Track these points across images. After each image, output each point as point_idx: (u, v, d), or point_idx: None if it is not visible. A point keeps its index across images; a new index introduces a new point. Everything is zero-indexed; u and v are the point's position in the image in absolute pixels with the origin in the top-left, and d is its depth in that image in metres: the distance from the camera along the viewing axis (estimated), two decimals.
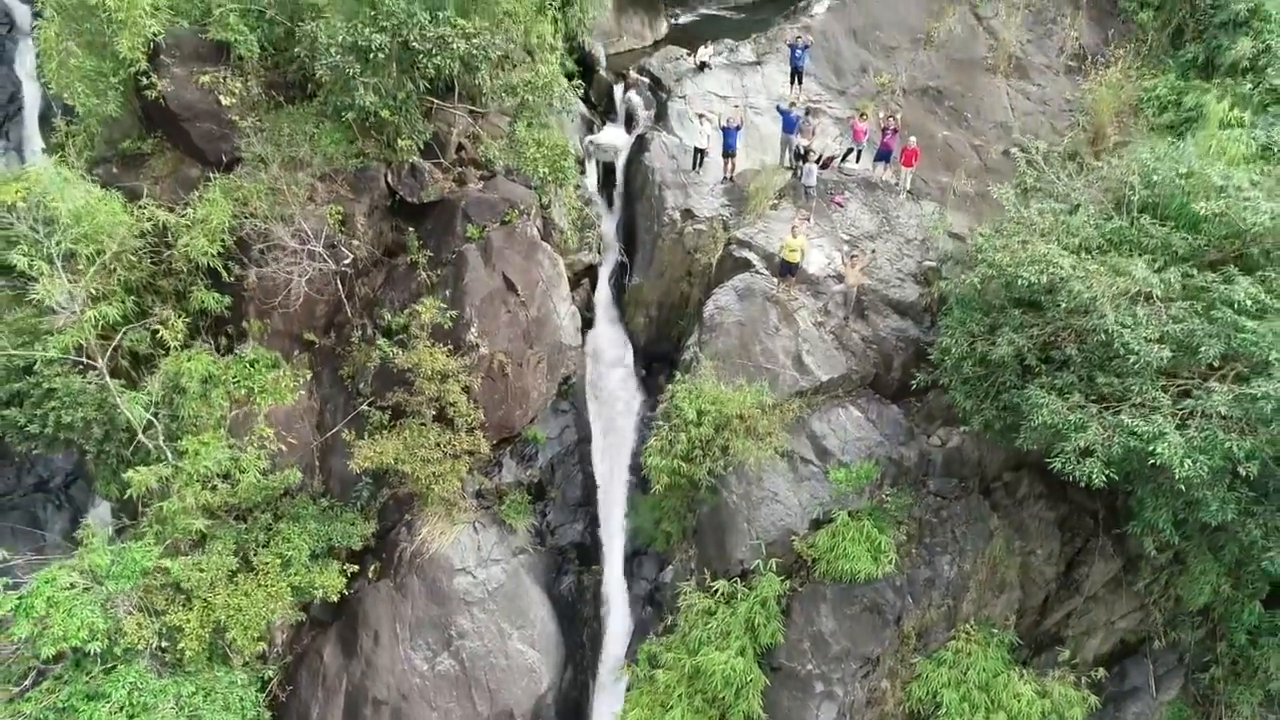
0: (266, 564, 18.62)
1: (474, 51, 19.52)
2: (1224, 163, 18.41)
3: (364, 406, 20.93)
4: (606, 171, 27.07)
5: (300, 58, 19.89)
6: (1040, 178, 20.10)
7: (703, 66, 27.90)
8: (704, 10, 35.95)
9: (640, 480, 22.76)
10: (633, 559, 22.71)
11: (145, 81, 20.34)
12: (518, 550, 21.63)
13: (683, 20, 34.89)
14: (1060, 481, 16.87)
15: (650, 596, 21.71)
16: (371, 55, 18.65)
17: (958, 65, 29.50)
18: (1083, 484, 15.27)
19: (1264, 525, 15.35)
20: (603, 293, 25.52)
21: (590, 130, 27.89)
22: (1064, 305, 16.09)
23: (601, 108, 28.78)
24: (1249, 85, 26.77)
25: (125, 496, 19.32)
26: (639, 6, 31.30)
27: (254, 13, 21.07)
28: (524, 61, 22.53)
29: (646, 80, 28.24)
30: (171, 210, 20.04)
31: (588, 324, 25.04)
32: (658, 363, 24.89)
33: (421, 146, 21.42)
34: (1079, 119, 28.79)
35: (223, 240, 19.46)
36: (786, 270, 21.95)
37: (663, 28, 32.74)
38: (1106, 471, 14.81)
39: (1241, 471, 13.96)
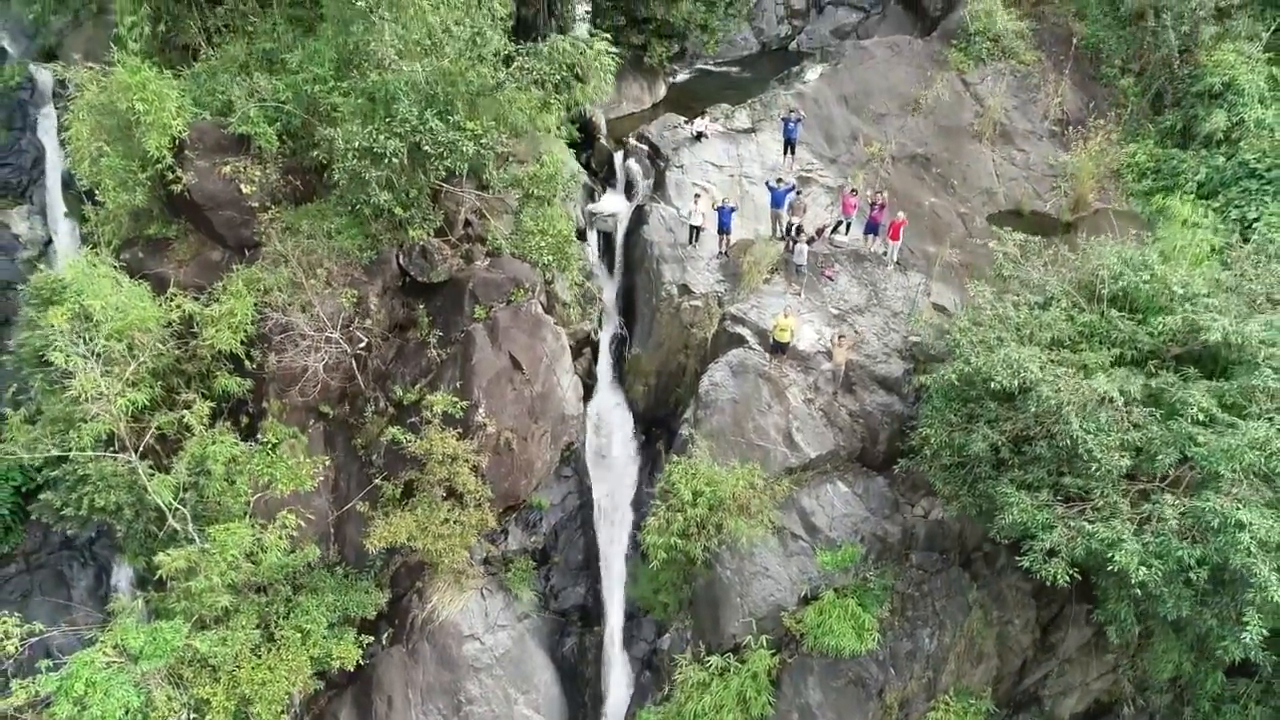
0: (287, 637, 19.80)
1: (482, 152, 20.68)
2: (1187, 262, 19.51)
3: (378, 481, 22.09)
4: (607, 240, 28.23)
5: (318, 153, 21.02)
6: (1017, 268, 21.23)
7: (699, 136, 29.02)
8: (701, 66, 37.22)
9: (639, 542, 23.95)
10: (632, 619, 23.89)
11: (171, 176, 21.55)
12: (523, 615, 22.82)
13: (680, 78, 36.15)
14: None
15: (648, 660, 22.90)
16: (386, 160, 19.81)
17: (945, 132, 30.65)
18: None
19: (1218, 615, 16.49)
20: (603, 360, 26.67)
21: (591, 197, 29.06)
22: (1033, 409, 17.26)
23: (602, 174, 29.94)
24: (1222, 158, 27.96)
25: (153, 567, 20.55)
26: (638, 72, 32.47)
27: (273, 106, 22.30)
28: (529, 155, 23.72)
29: (645, 148, 29.37)
30: (197, 299, 21.22)
31: (589, 391, 26.20)
32: (656, 428, 26.05)
33: (432, 232, 22.57)
34: (1061, 184, 29.98)
35: (245, 331, 20.62)
36: (778, 348, 23.11)
37: (661, 90, 33.94)
38: (1070, 571, 15.98)
39: (1192, 577, 15.14)
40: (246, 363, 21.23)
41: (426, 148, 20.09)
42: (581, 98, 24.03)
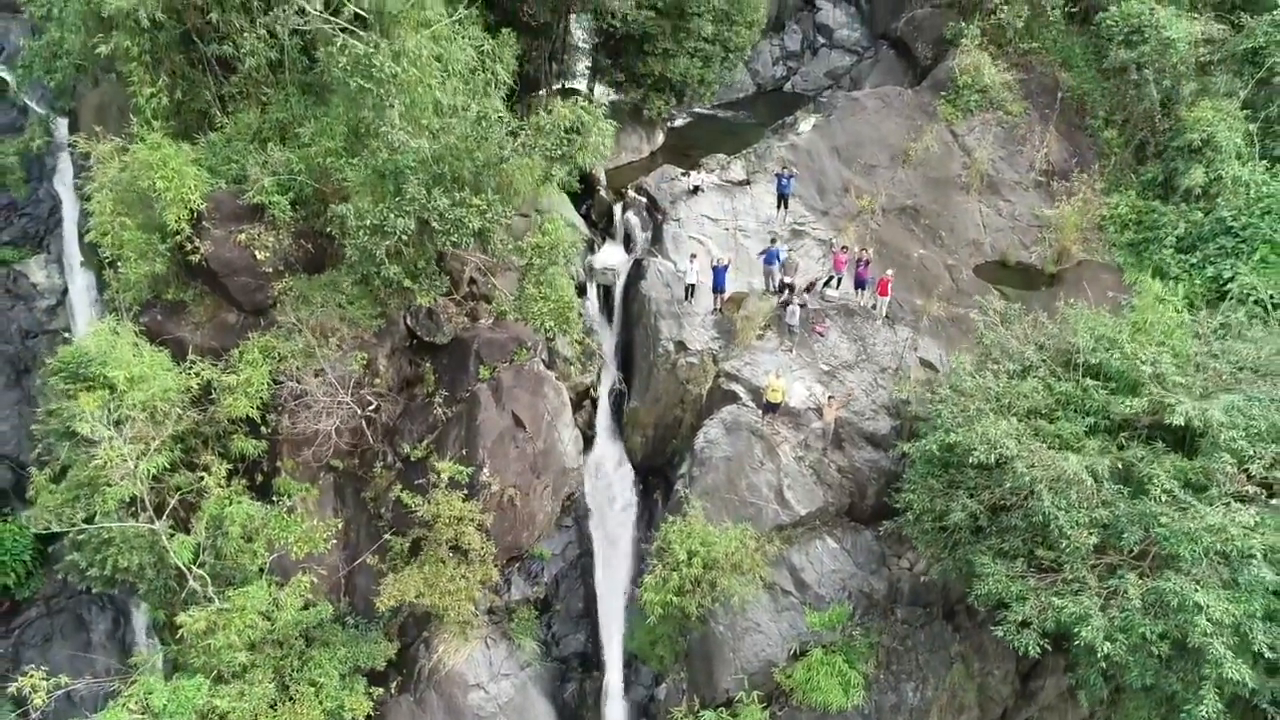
0: (301, 691, 20.81)
1: (487, 226, 21.68)
2: (1159, 334, 20.48)
3: (387, 536, 23.10)
4: (606, 292, 29.22)
5: (331, 228, 22.01)
6: (998, 335, 22.21)
7: (696, 190, 29.99)
8: (697, 109, 38.15)
9: (637, 592, 24.97)
10: (630, 666, 24.90)
11: (190, 246, 22.55)
12: (525, 664, 23.84)
13: (678, 123, 37.11)
14: None
15: (646, 708, 23.91)
16: (396, 236, 20.79)
17: (934, 183, 31.64)
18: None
19: (1182, 679, 17.48)
20: (602, 410, 27.66)
21: (591, 249, 30.05)
22: (1009, 483, 18.26)
23: (601, 225, 30.96)
24: (1200, 213, 28.95)
25: (173, 621, 21.55)
26: (637, 122, 33.44)
27: (286, 176, 23.29)
28: (530, 211, 24.70)
29: (644, 200, 30.36)
30: (215, 364, 22.22)
31: (588, 441, 27.20)
32: (654, 477, 27.09)
33: (438, 298, 23.55)
34: (1046, 236, 30.97)
35: (261, 397, 21.62)
36: (770, 408, 24.11)
37: (659, 138, 34.92)
38: (1041, 643, 16.99)
39: (1154, 650, 16.14)
40: (262, 427, 22.20)
41: (434, 224, 21.07)
42: (582, 161, 24.96)
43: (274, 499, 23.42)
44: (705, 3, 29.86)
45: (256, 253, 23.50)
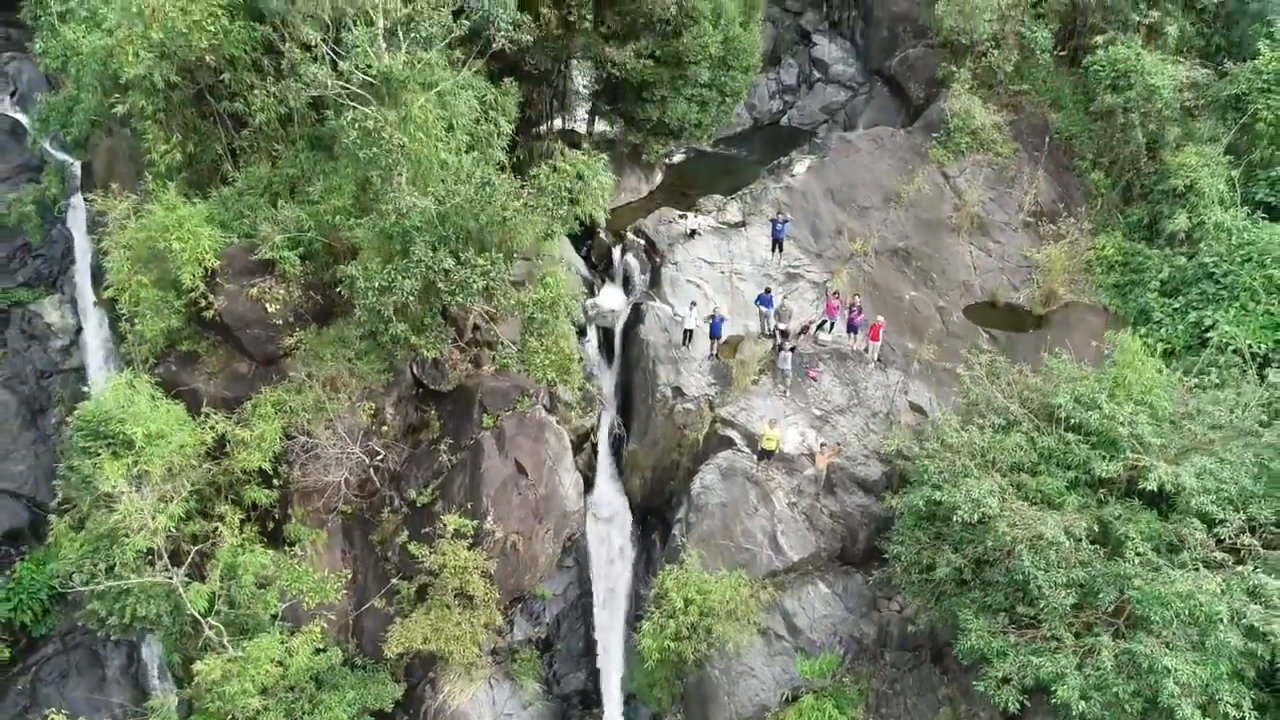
0: None
1: (491, 284, 22.51)
2: (1138, 392, 21.29)
3: (395, 581, 23.92)
4: (606, 333, 30.04)
5: (341, 288, 22.84)
6: (984, 392, 23.01)
7: (693, 234, 30.81)
8: (695, 145, 38.90)
9: (636, 631, 25.84)
10: (629, 704, 25.73)
11: (204, 302, 23.38)
12: (527, 704, 24.69)
13: (676, 158, 37.87)
14: None
15: None
16: (404, 296, 21.61)
17: (925, 225, 32.45)
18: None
19: None
20: (602, 451, 28.47)
21: (591, 291, 30.87)
22: (990, 542, 19.09)
23: (601, 267, 31.79)
24: (1183, 258, 29.75)
25: (188, 666, 22.39)
26: (635, 164, 34.25)
27: (295, 230, 24.11)
28: (532, 256, 25.56)
29: (642, 242, 31.19)
30: (229, 416, 23.06)
31: (588, 482, 28.00)
32: (652, 517, 27.91)
33: (443, 350, 24.37)
34: (1034, 277, 31.76)
35: (273, 450, 22.45)
36: (765, 454, 24.93)
37: (657, 178, 35.74)
38: (1021, 698, 17.83)
39: (1127, 709, 16.97)
40: (274, 478, 23.02)
41: (440, 285, 21.89)
42: (582, 214, 25.82)
43: (285, 544, 24.29)
44: (702, 51, 30.61)
45: (268, 305, 24.34)
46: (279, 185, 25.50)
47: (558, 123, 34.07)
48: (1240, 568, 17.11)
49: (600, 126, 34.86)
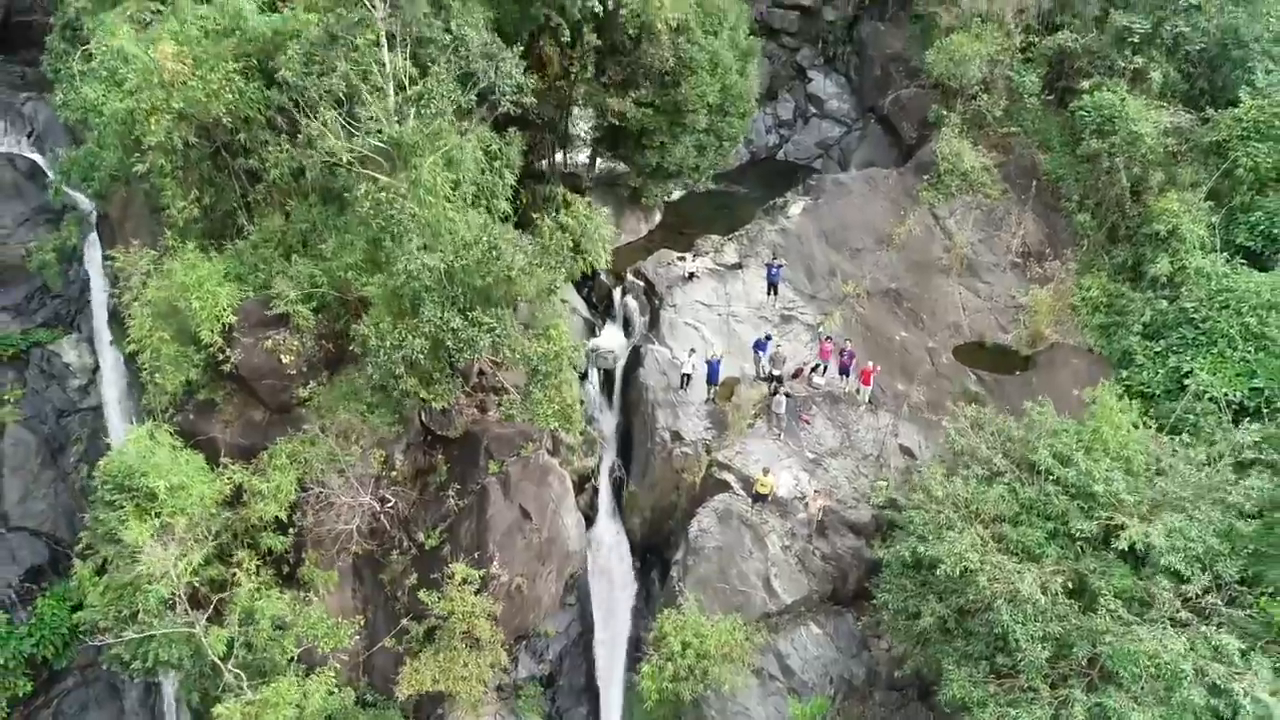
0: None
1: (497, 340, 23.52)
2: (1115, 446, 22.31)
3: (405, 622, 24.97)
4: (607, 375, 31.06)
5: (353, 346, 23.86)
6: (969, 443, 24.00)
7: (691, 276, 31.82)
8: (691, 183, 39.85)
9: (635, 662, 26.89)
10: None
11: (222, 356, 24.40)
12: None
13: (675, 195, 38.81)
14: None
15: None
16: (413, 354, 22.63)
17: (916, 266, 33.46)
18: None
19: None
20: (603, 491, 29.51)
21: (592, 332, 31.90)
22: (971, 595, 20.13)
23: (602, 308, 32.81)
24: (1165, 302, 30.71)
25: (207, 706, 23.42)
26: (635, 204, 35.28)
27: (308, 285, 25.12)
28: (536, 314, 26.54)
29: (641, 284, 32.22)
30: (247, 465, 24.08)
31: (589, 520, 29.03)
32: (651, 554, 28.95)
33: (451, 400, 25.37)
34: (1021, 317, 32.77)
35: (289, 500, 23.48)
36: (759, 499, 25.96)
37: (656, 217, 36.77)
38: None
39: None
40: (290, 527, 24.05)
41: (449, 343, 22.90)
42: (585, 267, 26.88)
43: (299, 585, 25.31)
44: (700, 100, 31.63)
45: (282, 357, 25.34)
46: (292, 238, 26.47)
47: (560, 161, 35.05)
48: (1205, 628, 18.11)
49: (602, 162, 35.89)
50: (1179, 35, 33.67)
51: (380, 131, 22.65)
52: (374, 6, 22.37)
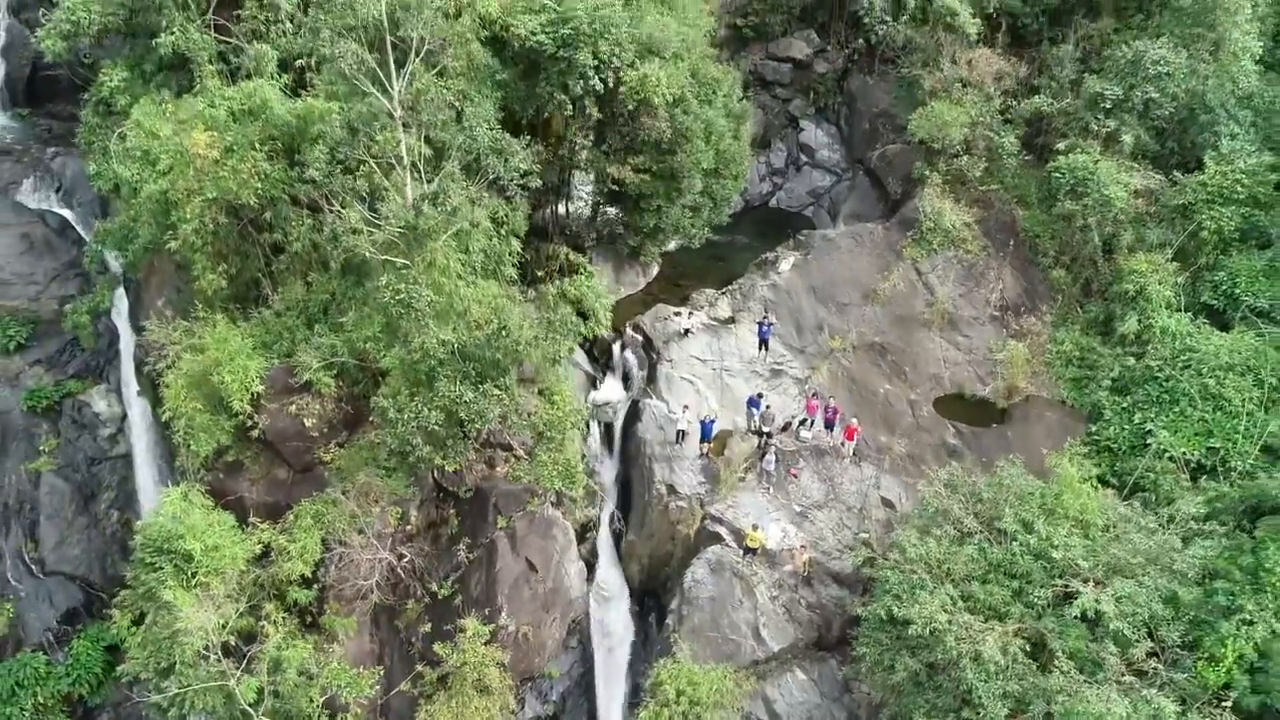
0: None
1: (505, 411, 25.46)
2: (1075, 510, 24.26)
3: (420, 667, 26.93)
4: (608, 426, 32.98)
5: (373, 418, 25.80)
6: (942, 505, 25.92)
7: (686, 332, 33.74)
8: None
9: (634, 697, 28.85)
10: None
11: (250, 423, 26.35)
12: None
13: (671, 246, 40.61)
14: None
15: None
16: (429, 425, 24.58)
17: (900, 321, 35.36)
18: None
19: None
20: (604, 538, 31.41)
21: (593, 384, 33.81)
22: (939, 654, 22.07)
23: (602, 361, 34.69)
24: (1133, 359, 32.62)
25: None
26: (633, 260, 37.17)
27: (329, 354, 27.06)
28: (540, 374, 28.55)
29: (640, 338, 34.10)
30: (273, 523, 26.04)
31: (590, 566, 30.95)
32: (649, 598, 30.87)
33: (462, 462, 27.32)
34: (999, 370, 34.66)
35: (313, 558, 25.43)
36: (749, 551, 27.90)
37: (654, 270, 38.61)
38: None
39: None
40: (314, 581, 26.00)
41: (462, 415, 24.83)
42: (588, 333, 28.82)
43: (320, 630, 27.24)
44: (695, 166, 33.50)
45: (305, 420, 27.32)
46: (314, 308, 28.42)
47: (562, 217, 36.90)
48: (1146, 690, 20.04)
49: (601, 220, 37.77)
50: (1149, 100, 35.47)
51: (398, 220, 24.57)
52: (393, 107, 24.25)
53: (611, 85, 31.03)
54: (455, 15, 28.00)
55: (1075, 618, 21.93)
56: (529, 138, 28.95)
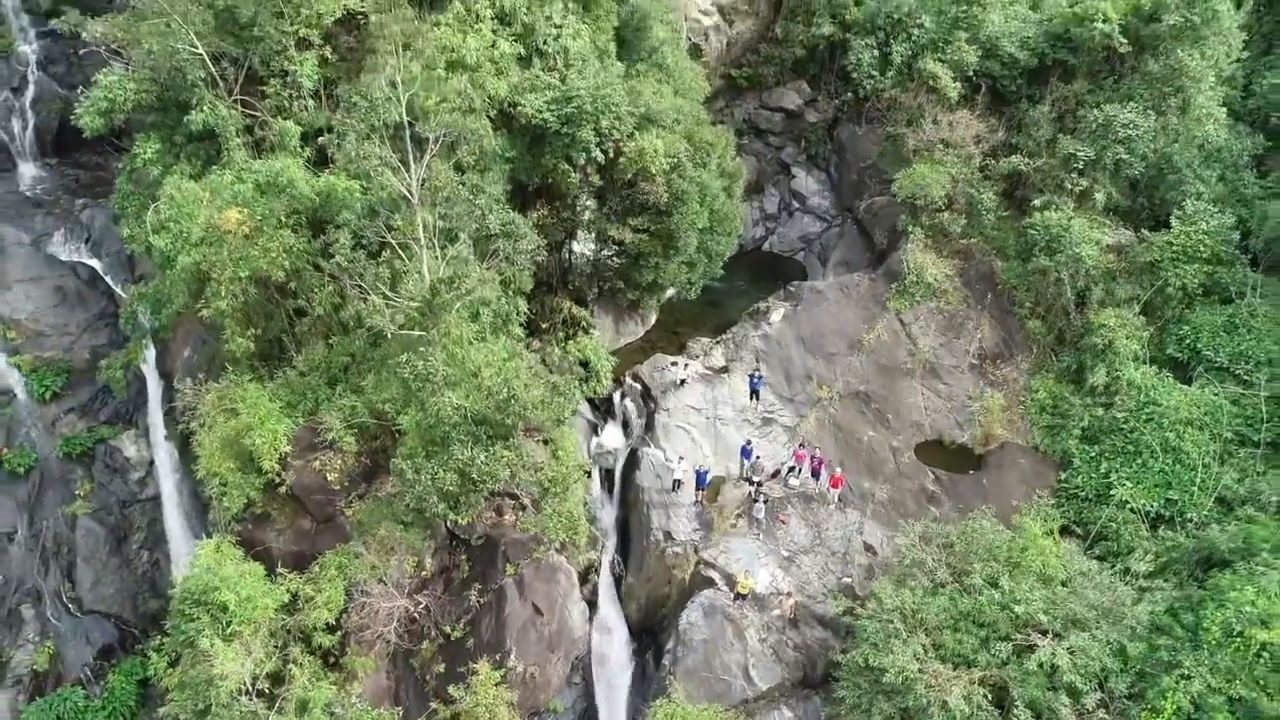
0: None
1: (514, 471, 27.59)
2: (1037, 565, 26.40)
3: (434, 705, 29.08)
4: (608, 472, 35.13)
5: (392, 478, 27.93)
6: (917, 557, 28.06)
7: (682, 382, 35.88)
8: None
9: None
10: None
11: (279, 480, 28.50)
12: None
13: (669, 292, 42.77)
14: None
15: None
16: (445, 488, 26.70)
17: (884, 370, 37.51)
18: None
19: None
20: (604, 580, 33.54)
21: (595, 431, 35.95)
22: (911, 700, 24.22)
23: (603, 409, 36.82)
24: (1101, 409, 34.77)
25: None
26: (633, 310, 39.32)
27: (350, 414, 29.20)
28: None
29: (639, 387, 36.27)
30: (300, 572, 28.19)
31: (592, 605, 33.09)
32: (646, 636, 33.02)
33: (474, 516, 29.44)
34: (977, 418, 36.80)
35: (337, 606, 27.60)
36: (740, 597, 30.05)
37: (652, 318, 40.80)
38: None
39: None
40: (337, 629, 28.14)
41: (475, 477, 26.96)
42: (590, 392, 30.95)
43: (341, 668, 29.38)
44: (691, 226, 35.63)
45: (328, 474, 29.46)
46: (335, 368, 30.56)
47: (566, 265, 38.99)
48: None
49: (604, 268, 39.90)
50: (1120, 160, 37.65)
51: (417, 298, 26.73)
52: (411, 194, 26.38)
53: (612, 155, 33.23)
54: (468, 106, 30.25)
55: (1035, 668, 24.06)
56: (535, 201, 31.11)
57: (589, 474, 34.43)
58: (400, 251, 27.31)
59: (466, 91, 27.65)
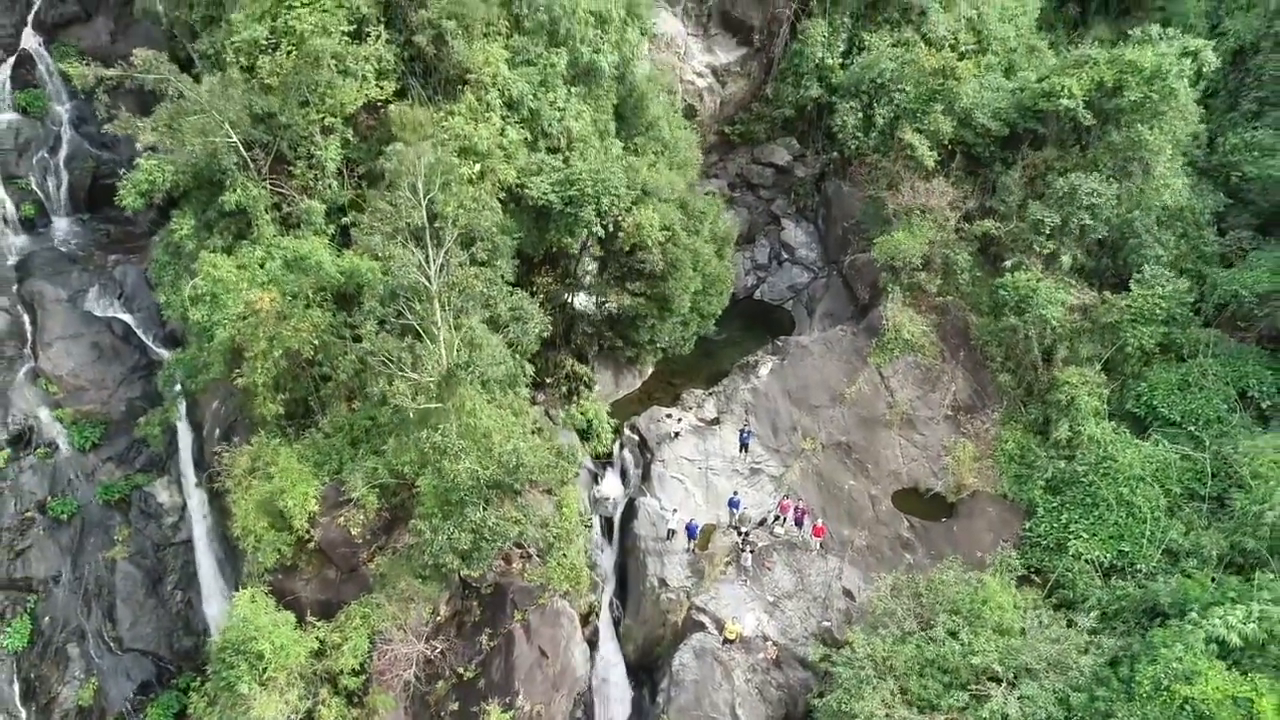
0: None
1: (523, 531, 30.43)
2: (995, 617, 29.22)
3: None
4: (607, 520, 37.96)
5: (411, 538, 30.75)
6: (888, 607, 30.89)
7: (676, 435, 38.69)
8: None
9: None
10: None
11: (307, 536, 31.34)
12: None
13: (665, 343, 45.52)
14: None
15: None
16: (460, 547, 29.52)
17: (864, 421, 40.30)
18: None
19: None
20: (604, 620, 36.37)
21: (595, 479, 38.76)
22: None
23: (604, 458, 39.63)
24: (1064, 462, 37.56)
25: None
26: (631, 364, 42.15)
27: (372, 474, 32.02)
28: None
29: (636, 438, 39.08)
30: (325, 622, 31.02)
31: (593, 644, 35.92)
32: (643, 672, 35.84)
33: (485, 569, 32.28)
34: (950, 468, 39.59)
35: (362, 653, 30.45)
36: (728, 641, 32.88)
37: (649, 369, 43.59)
38: None
39: None
40: (362, 672, 30.98)
41: (486, 537, 29.79)
42: (592, 452, 33.78)
43: (363, 705, 32.22)
44: (684, 290, 38.42)
45: (352, 529, 32.27)
46: (358, 431, 33.38)
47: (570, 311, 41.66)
48: None
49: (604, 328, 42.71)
50: (1084, 226, 40.42)
51: (435, 377, 29.58)
52: (431, 284, 29.18)
53: (612, 229, 36.05)
54: (478, 179, 33.09)
55: (988, 715, 26.89)
56: (540, 268, 33.90)
57: (588, 526, 37.30)
58: (421, 332, 30.10)
59: (481, 197, 30.47)
